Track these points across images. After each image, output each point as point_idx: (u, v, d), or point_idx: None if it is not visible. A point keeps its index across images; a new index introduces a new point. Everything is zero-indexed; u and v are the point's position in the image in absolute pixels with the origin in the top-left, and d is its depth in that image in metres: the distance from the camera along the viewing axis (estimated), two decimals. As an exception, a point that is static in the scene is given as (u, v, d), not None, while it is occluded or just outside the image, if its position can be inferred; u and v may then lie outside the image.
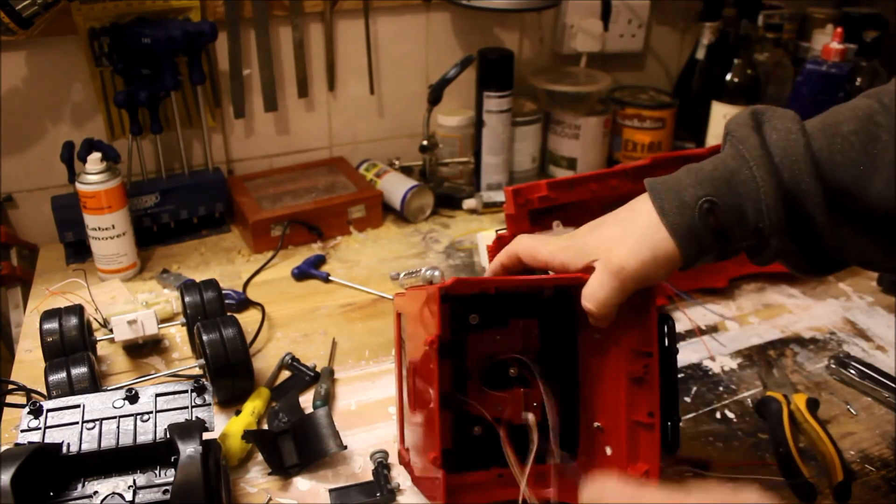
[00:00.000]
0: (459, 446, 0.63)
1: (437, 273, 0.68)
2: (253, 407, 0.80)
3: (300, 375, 0.88)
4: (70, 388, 0.76)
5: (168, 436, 0.65)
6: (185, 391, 0.71)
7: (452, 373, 0.64)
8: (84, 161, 1.02)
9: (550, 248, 0.63)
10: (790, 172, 0.55)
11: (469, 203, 1.26)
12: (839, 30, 1.23)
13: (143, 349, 0.93)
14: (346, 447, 0.74)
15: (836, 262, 0.59)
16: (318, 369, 0.88)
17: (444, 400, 0.62)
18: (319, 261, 1.11)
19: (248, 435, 0.73)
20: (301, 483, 0.74)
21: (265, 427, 0.78)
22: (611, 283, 0.59)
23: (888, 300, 1.02)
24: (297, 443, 0.75)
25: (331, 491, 0.72)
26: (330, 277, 1.07)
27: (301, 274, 1.08)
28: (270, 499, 0.72)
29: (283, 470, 0.74)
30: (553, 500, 0.61)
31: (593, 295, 0.60)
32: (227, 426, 0.77)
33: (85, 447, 0.65)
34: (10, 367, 0.91)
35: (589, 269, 0.61)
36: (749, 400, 0.84)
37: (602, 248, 0.60)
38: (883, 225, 0.56)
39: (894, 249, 0.57)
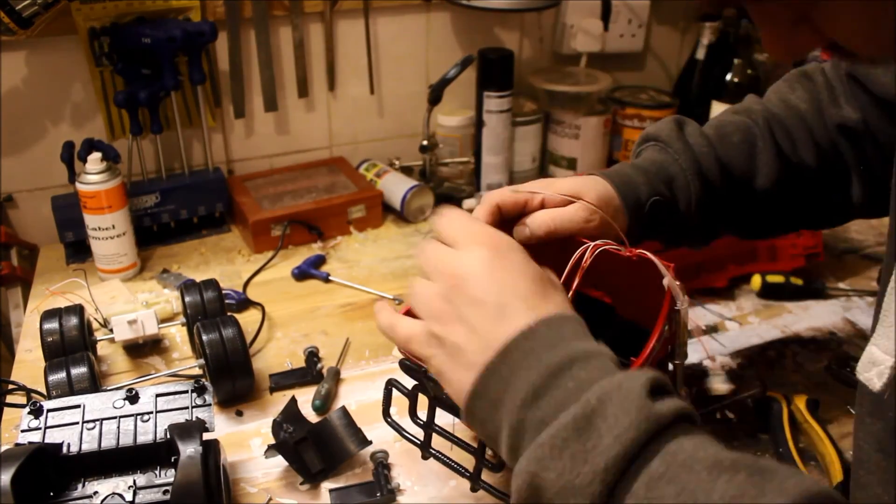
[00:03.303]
0: None
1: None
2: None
3: (302, 372, 0.88)
4: (70, 388, 0.76)
5: (168, 436, 0.65)
6: (186, 391, 0.71)
7: None
8: (84, 161, 1.02)
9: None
10: (708, 175, 0.71)
11: (469, 203, 1.26)
12: (839, 30, 1.22)
13: (143, 349, 0.93)
14: (370, 442, 0.75)
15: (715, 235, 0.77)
16: (324, 370, 0.88)
17: None
18: (319, 261, 1.11)
19: (269, 449, 0.73)
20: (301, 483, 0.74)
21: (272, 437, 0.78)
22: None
23: (888, 300, 1.02)
24: (318, 449, 0.75)
25: (331, 491, 0.72)
26: (330, 277, 1.07)
27: (301, 274, 1.08)
28: (270, 499, 0.72)
29: (311, 476, 0.73)
30: None
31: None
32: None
33: (85, 447, 0.65)
34: (10, 367, 0.92)
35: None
36: (749, 400, 0.84)
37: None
38: (766, 205, 0.75)
39: (776, 227, 0.79)
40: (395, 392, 0.68)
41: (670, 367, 0.73)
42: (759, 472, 0.40)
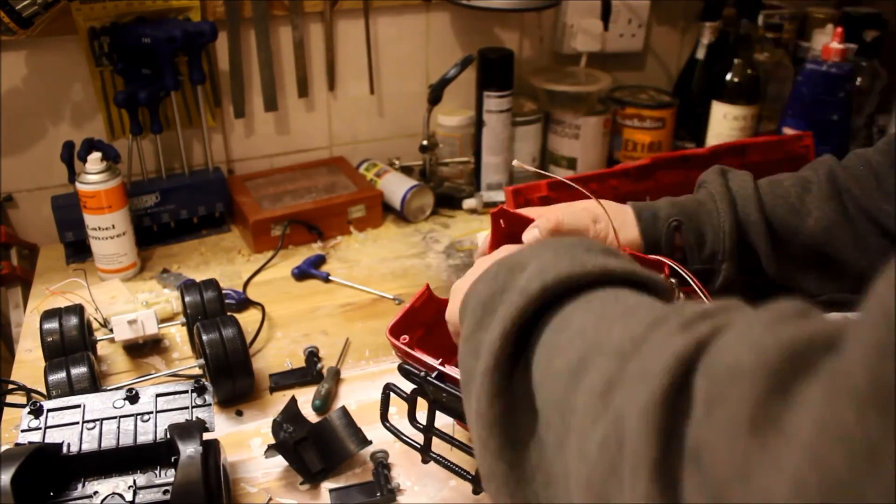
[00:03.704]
0: None
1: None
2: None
3: (302, 372, 0.88)
4: (70, 388, 0.76)
5: (168, 436, 0.65)
6: (186, 391, 0.71)
7: None
8: (84, 161, 1.02)
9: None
10: (742, 207, 0.70)
11: (469, 203, 1.26)
12: (839, 30, 1.23)
13: (143, 349, 0.93)
14: (370, 442, 0.75)
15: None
16: (324, 370, 0.89)
17: None
18: (319, 261, 1.11)
19: (269, 449, 0.73)
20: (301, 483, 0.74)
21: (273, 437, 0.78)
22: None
23: (888, 300, 1.02)
24: (318, 448, 0.75)
25: (331, 491, 0.72)
26: (330, 277, 1.07)
27: (301, 274, 1.08)
28: (271, 499, 0.72)
29: (311, 476, 0.73)
30: None
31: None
32: None
33: (85, 447, 0.65)
34: (10, 368, 0.92)
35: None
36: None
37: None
38: (816, 259, 0.70)
39: (826, 281, 0.71)
40: (394, 395, 0.68)
41: None
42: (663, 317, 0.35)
